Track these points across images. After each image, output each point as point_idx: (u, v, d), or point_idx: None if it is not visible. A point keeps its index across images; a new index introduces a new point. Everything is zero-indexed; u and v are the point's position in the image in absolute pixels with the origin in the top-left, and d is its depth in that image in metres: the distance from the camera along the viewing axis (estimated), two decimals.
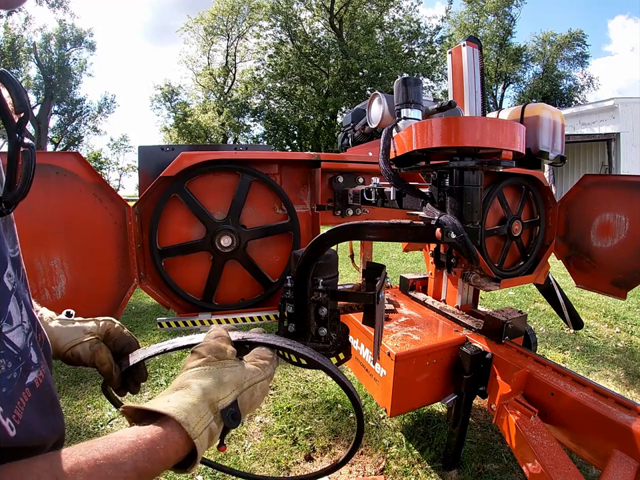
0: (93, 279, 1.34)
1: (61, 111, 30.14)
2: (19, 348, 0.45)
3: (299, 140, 26.76)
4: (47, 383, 0.51)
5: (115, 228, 1.34)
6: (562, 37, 29.55)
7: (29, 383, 0.46)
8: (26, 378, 0.46)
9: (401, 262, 7.10)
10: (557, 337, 3.65)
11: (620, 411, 1.24)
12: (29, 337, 0.49)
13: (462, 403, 1.75)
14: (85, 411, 2.46)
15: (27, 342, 0.47)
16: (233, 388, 0.50)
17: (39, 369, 0.49)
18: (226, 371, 0.51)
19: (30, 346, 0.48)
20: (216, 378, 0.49)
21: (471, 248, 0.77)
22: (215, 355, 0.52)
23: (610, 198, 1.83)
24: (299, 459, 2.06)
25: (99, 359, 0.68)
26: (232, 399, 0.49)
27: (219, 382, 0.49)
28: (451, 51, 2.28)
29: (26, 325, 0.48)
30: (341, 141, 2.31)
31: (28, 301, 0.57)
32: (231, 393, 0.49)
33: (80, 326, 0.70)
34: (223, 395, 0.48)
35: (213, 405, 0.47)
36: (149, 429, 0.42)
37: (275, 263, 1.52)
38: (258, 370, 0.54)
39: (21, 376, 0.45)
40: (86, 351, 0.67)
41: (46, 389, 0.51)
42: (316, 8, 24.58)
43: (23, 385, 0.45)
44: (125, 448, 0.39)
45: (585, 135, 13.14)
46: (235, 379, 0.50)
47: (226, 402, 0.48)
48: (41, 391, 0.49)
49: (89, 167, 1.29)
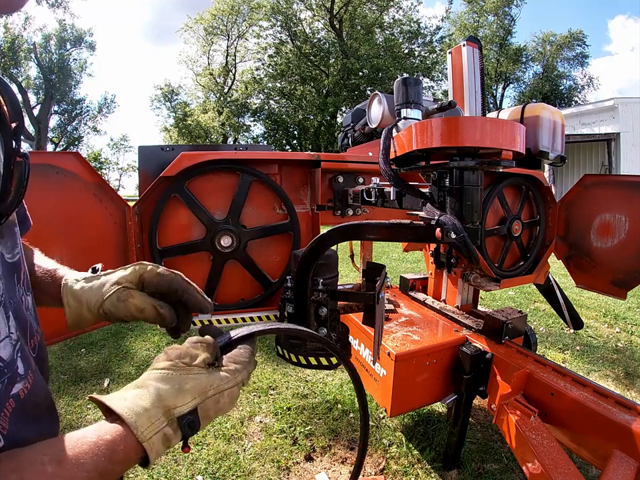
0: None
1: (61, 111, 30.16)
2: (5, 360, 0.45)
3: (299, 140, 26.76)
4: (34, 392, 0.51)
5: (115, 228, 1.34)
6: (562, 37, 29.54)
7: (13, 394, 0.47)
8: (11, 389, 0.47)
9: (401, 262, 7.10)
10: (557, 336, 3.65)
11: (620, 410, 1.24)
12: (17, 347, 0.49)
13: (462, 403, 1.75)
14: (85, 411, 2.46)
15: (13, 353, 0.48)
16: (194, 396, 0.49)
17: (25, 379, 0.49)
18: (189, 378, 0.50)
19: (17, 357, 0.48)
20: (176, 384, 0.49)
21: (471, 248, 0.77)
22: (182, 360, 0.51)
23: (610, 198, 1.83)
24: (299, 459, 2.06)
25: (134, 306, 0.62)
26: (191, 407, 0.48)
27: (179, 389, 0.48)
28: (451, 51, 2.28)
29: (14, 336, 0.48)
30: (341, 140, 2.31)
31: (29, 304, 0.56)
32: (191, 400, 0.49)
33: (105, 279, 0.64)
34: (181, 401, 0.48)
35: (169, 411, 0.47)
36: (109, 430, 0.43)
37: (274, 263, 1.52)
38: (227, 377, 0.53)
39: (6, 387, 0.45)
40: (115, 304, 0.62)
41: (31, 399, 0.50)
42: (316, 8, 24.57)
43: (8, 395, 0.46)
44: (86, 449, 0.40)
45: (585, 135, 13.14)
46: (197, 387, 0.50)
47: (183, 410, 0.48)
48: (25, 400, 0.49)
49: (89, 167, 1.29)
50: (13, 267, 0.53)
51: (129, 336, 3.66)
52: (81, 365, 3.10)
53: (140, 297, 0.63)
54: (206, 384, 0.51)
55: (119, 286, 0.63)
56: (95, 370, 3.01)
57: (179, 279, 0.65)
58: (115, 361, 3.16)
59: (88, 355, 3.27)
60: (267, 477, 1.95)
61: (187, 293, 0.64)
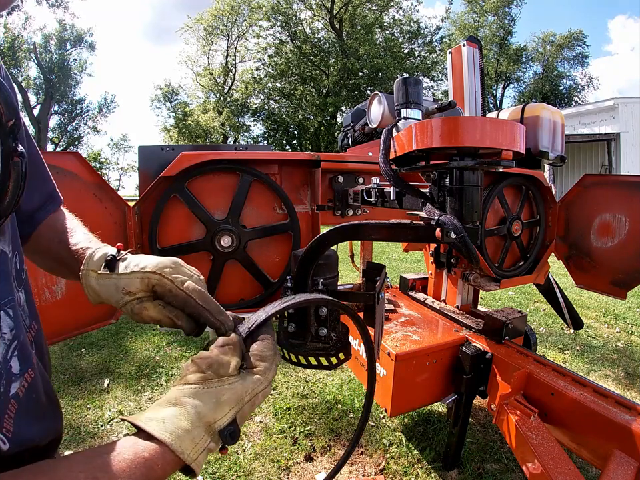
0: None
1: (61, 111, 30.16)
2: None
3: (298, 140, 26.76)
4: (32, 388, 0.50)
5: (115, 228, 1.34)
6: (562, 37, 29.54)
7: (12, 395, 0.46)
8: (9, 390, 0.46)
9: (401, 262, 7.10)
10: (557, 337, 3.65)
11: (620, 410, 1.24)
12: (11, 347, 0.48)
13: (462, 403, 1.75)
14: (85, 411, 2.46)
15: (7, 353, 0.47)
16: (232, 405, 0.48)
17: (21, 378, 0.49)
18: (225, 389, 0.48)
19: (11, 356, 0.47)
20: (213, 398, 0.47)
21: (471, 248, 0.77)
22: (214, 371, 0.49)
23: (610, 198, 1.83)
24: (299, 459, 2.06)
25: (149, 318, 0.58)
26: (230, 417, 0.47)
27: (217, 402, 0.47)
28: (451, 51, 2.28)
29: (7, 336, 0.47)
30: (341, 141, 2.31)
31: (22, 300, 0.56)
32: (229, 411, 0.47)
33: (115, 283, 0.58)
34: (220, 414, 0.46)
35: (210, 427, 0.46)
36: (146, 447, 0.42)
37: (274, 263, 1.52)
38: (260, 379, 0.52)
39: (5, 389, 0.45)
40: (133, 314, 0.58)
41: (32, 396, 0.50)
42: (316, 8, 24.57)
43: (8, 397, 0.45)
44: (124, 467, 0.39)
45: (585, 135, 13.14)
46: (234, 396, 0.48)
47: (224, 422, 0.46)
48: (26, 399, 0.48)
49: (89, 167, 1.29)
50: (10, 261, 0.53)
51: (128, 336, 3.66)
52: (81, 365, 3.10)
53: (154, 308, 0.58)
54: (241, 391, 0.49)
55: (132, 297, 0.58)
56: (95, 370, 3.01)
57: (192, 302, 0.58)
58: (114, 361, 3.16)
59: (88, 355, 3.27)
60: (267, 476, 1.95)
61: (202, 317, 0.59)
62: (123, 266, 0.59)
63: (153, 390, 2.73)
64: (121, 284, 0.58)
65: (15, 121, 0.46)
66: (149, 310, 0.58)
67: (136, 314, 0.58)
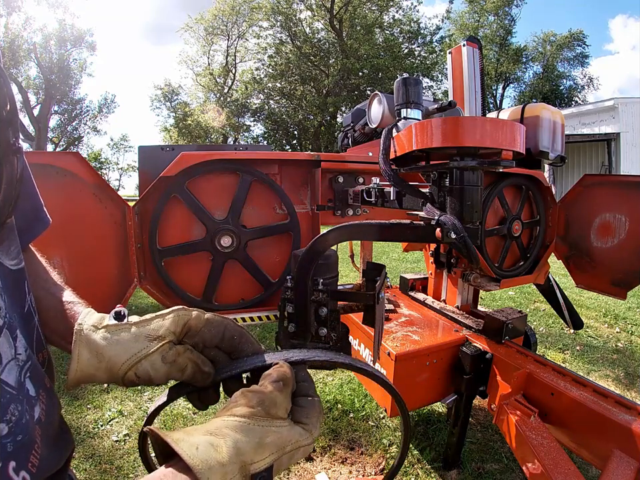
0: (92, 278, 1.34)
1: (61, 111, 30.14)
2: (14, 386, 0.41)
3: (298, 140, 26.78)
4: (50, 410, 0.47)
5: (115, 228, 1.34)
6: (562, 37, 29.56)
7: (37, 420, 0.43)
8: (34, 416, 0.43)
9: (401, 262, 7.10)
10: (557, 337, 3.65)
11: (620, 411, 1.24)
12: (25, 368, 0.44)
13: (462, 403, 1.75)
14: (85, 411, 2.46)
15: (21, 376, 0.43)
16: (272, 451, 0.43)
17: (39, 400, 0.45)
18: (271, 431, 0.44)
19: (25, 378, 0.44)
20: (257, 437, 0.43)
21: (471, 248, 0.77)
22: (265, 408, 0.45)
23: (610, 198, 1.83)
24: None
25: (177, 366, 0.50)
26: (268, 463, 0.43)
27: (259, 442, 0.43)
28: (451, 51, 2.28)
29: (21, 357, 0.43)
30: (341, 141, 2.31)
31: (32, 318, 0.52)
32: (268, 456, 0.43)
33: (139, 331, 0.49)
34: (259, 457, 0.42)
35: (245, 467, 0.41)
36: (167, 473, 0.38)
37: (274, 263, 1.52)
38: (306, 434, 0.47)
39: (30, 414, 0.42)
40: (156, 367, 0.49)
41: (50, 419, 0.46)
42: (316, 8, 24.58)
43: (34, 423, 0.42)
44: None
45: (585, 135, 13.15)
46: (277, 441, 0.44)
47: (260, 466, 0.42)
48: (46, 422, 0.45)
49: (89, 167, 1.29)
50: (20, 275, 0.49)
51: None
52: None
53: (185, 353, 0.50)
54: (286, 439, 0.45)
55: (164, 342, 0.49)
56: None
57: (231, 323, 0.53)
58: None
59: None
60: None
61: (244, 337, 0.53)
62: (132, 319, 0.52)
63: (153, 390, 2.73)
64: (145, 331, 0.50)
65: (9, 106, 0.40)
66: (181, 355, 0.50)
67: (168, 362, 0.49)
